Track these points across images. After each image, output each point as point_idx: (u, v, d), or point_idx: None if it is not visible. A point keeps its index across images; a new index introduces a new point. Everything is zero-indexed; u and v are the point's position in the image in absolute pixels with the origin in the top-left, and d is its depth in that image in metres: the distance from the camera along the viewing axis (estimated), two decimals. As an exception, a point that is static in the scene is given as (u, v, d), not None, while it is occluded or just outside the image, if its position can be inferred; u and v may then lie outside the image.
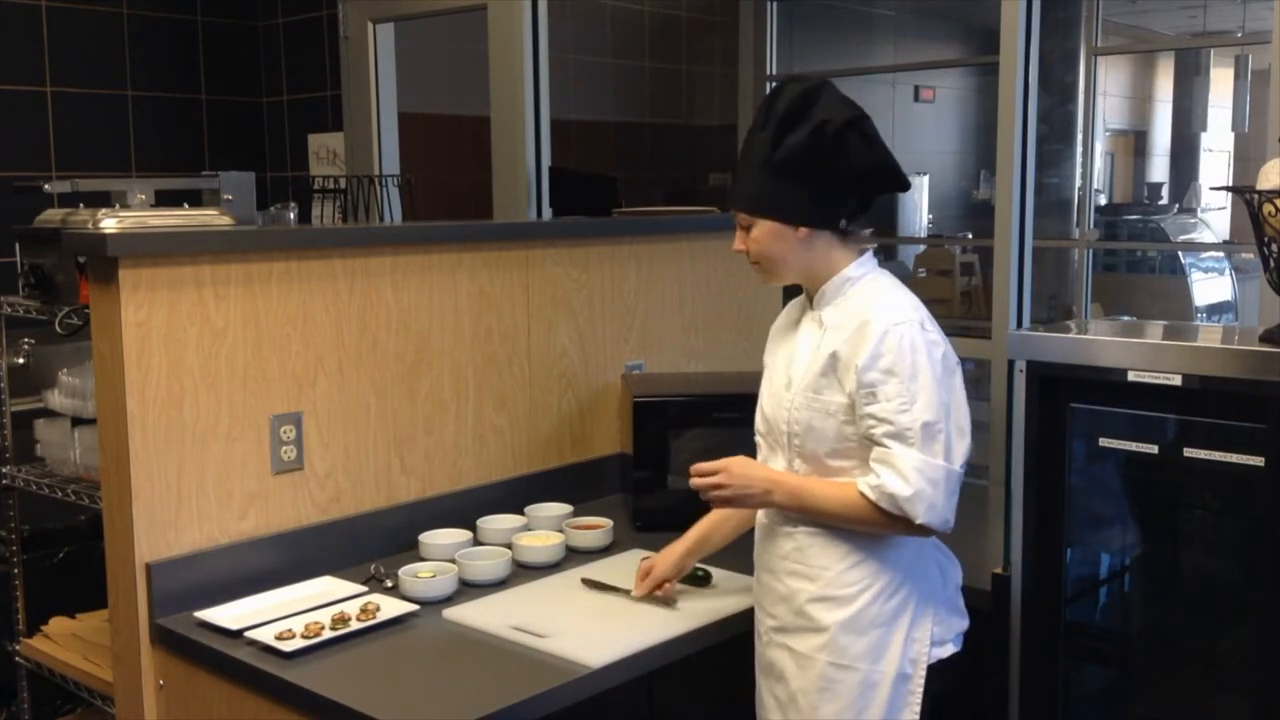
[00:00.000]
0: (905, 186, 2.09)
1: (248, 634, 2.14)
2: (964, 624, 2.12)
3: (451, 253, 2.72)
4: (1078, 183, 6.21)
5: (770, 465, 2.12)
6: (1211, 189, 10.18)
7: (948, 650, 2.07)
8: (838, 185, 2.01)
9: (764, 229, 2.03)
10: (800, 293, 2.17)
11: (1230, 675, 2.32)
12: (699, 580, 2.39)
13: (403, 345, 2.63)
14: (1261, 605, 2.11)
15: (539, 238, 2.94)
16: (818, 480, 2.03)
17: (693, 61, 6.59)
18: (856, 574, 2.01)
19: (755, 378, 2.22)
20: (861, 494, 1.96)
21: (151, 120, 4.97)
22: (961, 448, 1.99)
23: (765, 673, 2.13)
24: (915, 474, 1.92)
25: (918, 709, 2.02)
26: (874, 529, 1.99)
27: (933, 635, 2.04)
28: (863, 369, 1.95)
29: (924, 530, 1.97)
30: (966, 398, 2.04)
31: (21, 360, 2.78)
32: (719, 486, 2.05)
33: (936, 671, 2.04)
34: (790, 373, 2.08)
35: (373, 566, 2.48)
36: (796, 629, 2.05)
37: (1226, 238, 9.10)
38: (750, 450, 2.16)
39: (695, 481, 2.07)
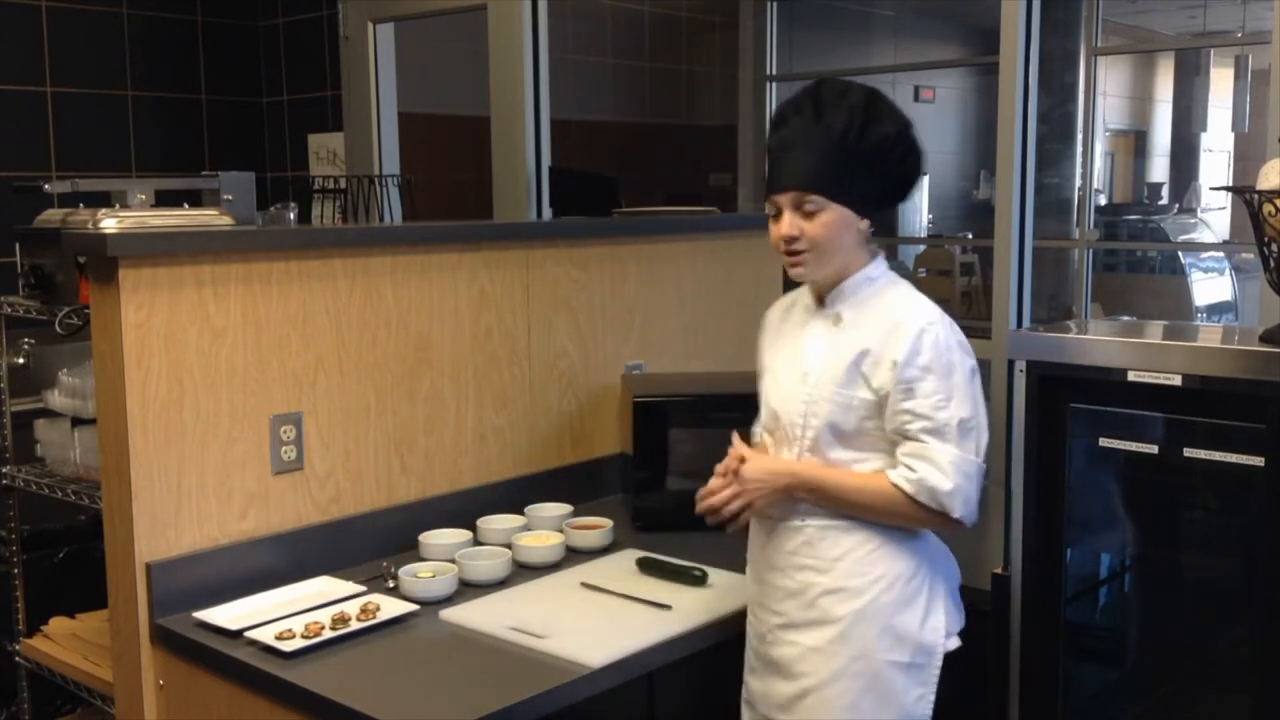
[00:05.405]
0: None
1: (248, 634, 2.14)
2: (963, 620, 2.10)
3: (451, 253, 2.72)
4: (1078, 183, 6.21)
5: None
6: (1211, 189, 10.19)
7: (954, 643, 2.05)
8: (892, 186, 2.04)
9: (835, 214, 1.96)
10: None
11: (1230, 675, 2.31)
12: (695, 580, 2.39)
13: (403, 345, 2.63)
14: (1261, 605, 2.11)
15: (539, 238, 2.94)
16: (837, 471, 2.00)
17: (693, 61, 6.60)
18: (868, 565, 1.99)
19: (755, 377, 2.22)
20: (895, 486, 1.94)
21: (151, 120, 4.97)
22: (985, 444, 2.00)
23: (769, 671, 2.10)
24: (953, 469, 1.93)
25: (931, 699, 2.00)
26: (902, 521, 1.98)
27: (946, 626, 2.03)
28: (902, 365, 1.94)
29: (957, 525, 1.97)
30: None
31: (21, 360, 2.78)
32: (735, 498, 2.01)
33: (947, 662, 2.02)
34: (805, 367, 2.04)
35: (385, 563, 2.48)
36: (807, 623, 2.02)
37: (1226, 238, 9.10)
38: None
39: (705, 504, 2.02)
